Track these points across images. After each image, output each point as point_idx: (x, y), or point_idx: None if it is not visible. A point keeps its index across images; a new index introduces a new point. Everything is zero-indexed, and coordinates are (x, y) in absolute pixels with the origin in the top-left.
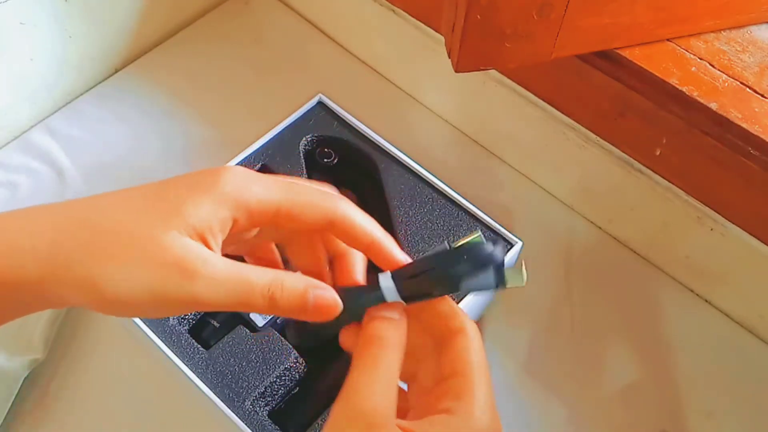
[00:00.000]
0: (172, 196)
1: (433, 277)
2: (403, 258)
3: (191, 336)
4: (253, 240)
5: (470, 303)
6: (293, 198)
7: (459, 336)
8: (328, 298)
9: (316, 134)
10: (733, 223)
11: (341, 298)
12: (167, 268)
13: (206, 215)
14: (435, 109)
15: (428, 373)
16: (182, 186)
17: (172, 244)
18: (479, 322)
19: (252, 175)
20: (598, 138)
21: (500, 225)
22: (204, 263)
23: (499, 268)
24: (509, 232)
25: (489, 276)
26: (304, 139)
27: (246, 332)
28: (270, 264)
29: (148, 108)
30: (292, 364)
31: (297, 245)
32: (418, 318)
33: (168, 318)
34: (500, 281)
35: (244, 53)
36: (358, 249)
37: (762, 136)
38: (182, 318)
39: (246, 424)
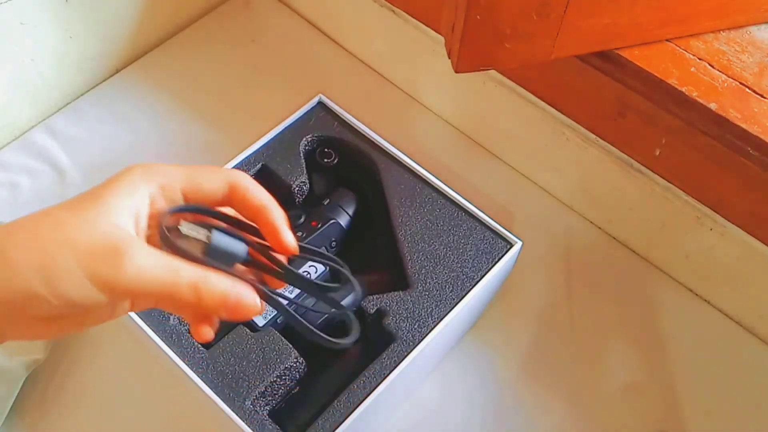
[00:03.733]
0: (95, 193)
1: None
2: (288, 236)
3: (191, 336)
4: None
5: (470, 303)
6: (195, 169)
7: None
8: (248, 299)
9: (316, 134)
10: (733, 223)
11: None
12: (97, 247)
13: (126, 201)
14: (435, 109)
15: None
16: (100, 186)
17: (101, 229)
18: (480, 321)
19: (154, 164)
20: (598, 138)
21: (500, 225)
22: (132, 244)
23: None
24: (509, 232)
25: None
26: (304, 139)
27: (246, 332)
28: None
29: (149, 108)
30: (292, 364)
31: None
32: None
33: (169, 317)
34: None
35: (244, 53)
36: (251, 217)
37: (761, 136)
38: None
39: (246, 424)
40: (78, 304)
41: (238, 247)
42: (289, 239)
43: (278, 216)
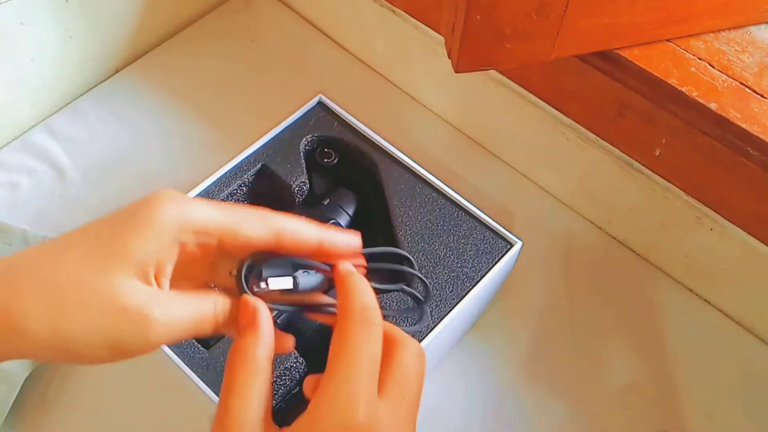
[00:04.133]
0: (115, 236)
1: None
2: (350, 242)
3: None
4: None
5: (470, 303)
6: (234, 214)
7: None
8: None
9: (316, 134)
10: (733, 223)
11: None
12: (119, 315)
13: (150, 249)
14: (435, 109)
15: None
16: (121, 223)
17: (121, 291)
18: (479, 321)
19: (187, 197)
20: (598, 138)
21: (500, 225)
22: (156, 307)
23: None
24: (509, 232)
25: None
26: (304, 139)
27: None
28: None
29: (149, 108)
30: (292, 364)
31: None
32: None
33: None
34: None
35: (244, 53)
36: (308, 253)
37: (761, 136)
38: None
39: None
40: (97, 363)
41: (318, 279)
42: (353, 247)
43: (339, 241)
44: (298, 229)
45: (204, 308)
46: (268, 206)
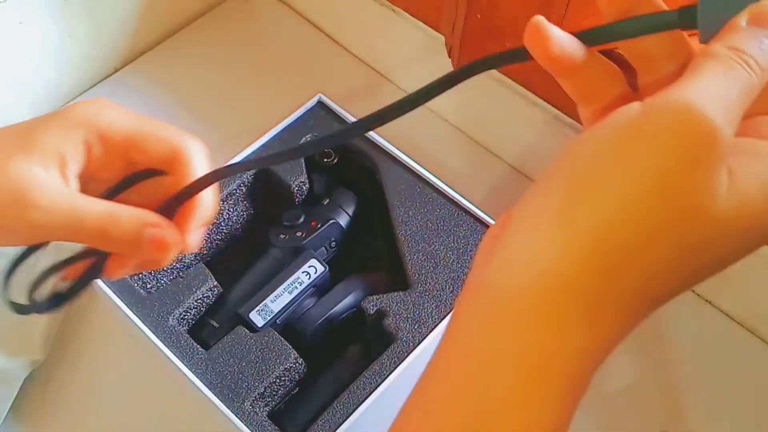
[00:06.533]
0: (31, 126)
1: None
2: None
3: (191, 336)
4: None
5: None
6: (145, 126)
7: None
8: (165, 236)
9: (316, 134)
10: None
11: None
12: (5, 190)
13: (54, 141)
14: (435, 109)
15: None
16: (43, 118)
17: (16, 171)
18: None
19: (109, 103)
20: None
21: None
22: (41, 191)
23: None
24: None
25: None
26: (304, 139)
27: (246, 332)
28: None
29: (148, 107)
30: (291, 365)
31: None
32: None
33: (168, 318)
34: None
35: (243, 53)
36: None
37: None
38: (182, 318)
39: (246, 425)
40: None
41: None
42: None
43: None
44: (192, 169)
45: (88, 208)
46: (268, 206)
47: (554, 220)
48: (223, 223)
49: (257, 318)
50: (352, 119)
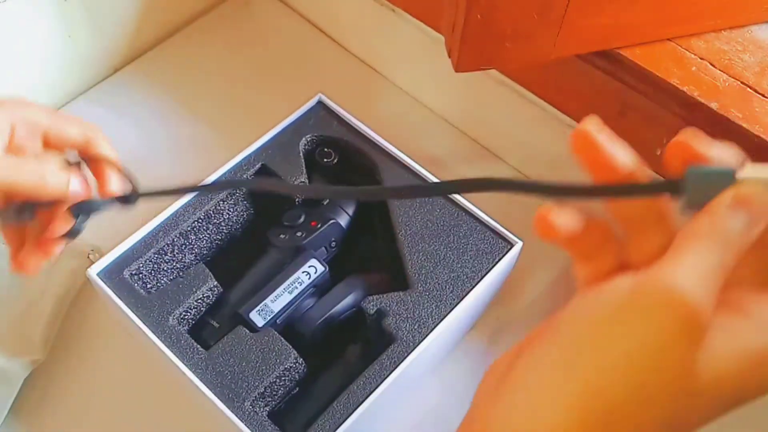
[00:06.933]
0: None
1: None
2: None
3: (191, 336)
4: None
5: (471, 303)
6: (62, 119)
7: None
8: (87, 178)
9: (316, 134)
10: None
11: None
12: None
13: None
14: (435, 109)
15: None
16: None
17: None
18: (479, 321)
19: (24, 102)
20: None
21: (500, 225)
22: None
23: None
24: (509, 232)
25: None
26: (304, 139)
27: (246, 332)
28: None
29: (148, 108)
30: (291, 365)
31: None
32: None
33: (168, 318)
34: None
35: (243, 53)
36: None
37: (762, 136)
38: (182, 318)
39: (246, 425)
40: None
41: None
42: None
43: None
44: (103, 149)
45: (30, 166)
46: (268, 206)
47: (555, 381)
48: (223, 223)
49: (257, 318)
50: (352, 119)
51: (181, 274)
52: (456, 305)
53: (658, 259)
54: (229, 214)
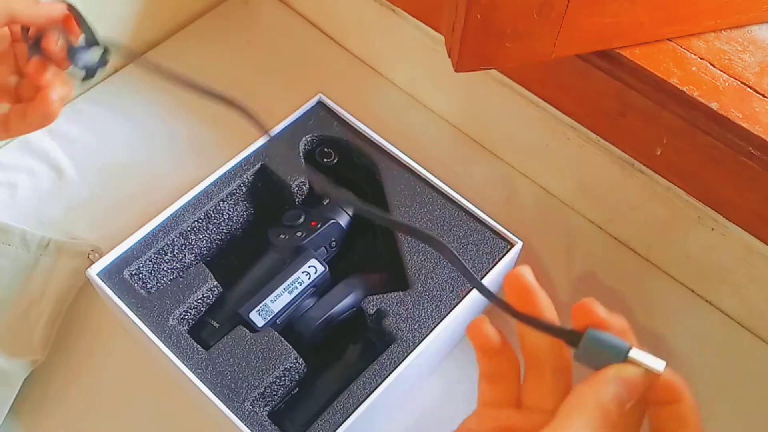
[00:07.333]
0: None
1: None
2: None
3: (191, 336)
4: None
5: (471, 304)
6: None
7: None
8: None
9: (316, 134)
10: (734, 223)
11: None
12: None
13: None
14: (435, 109)
15: None
16: None
17: None
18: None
19: None
20: (599, 138)
21: (500, 225)
22: None
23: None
24: (509, 232)
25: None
26: (304, 139)
27: (246, 332)
28: None
29: (148, 107)
30: (291, 365)
31: None
32: None
33: (168, 318)
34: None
35: (243, 53)
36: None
37: (763, 136)
38: (182, 318)
39: (246, 425)
40: None
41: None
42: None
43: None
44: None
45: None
46: (268, 206)
47: None
48: (223, 223)
49: (257, 318)
50: (352, 119)
51: (181, 274)
52: (456, 305)
53: (544, 413)
54: (229, 214)
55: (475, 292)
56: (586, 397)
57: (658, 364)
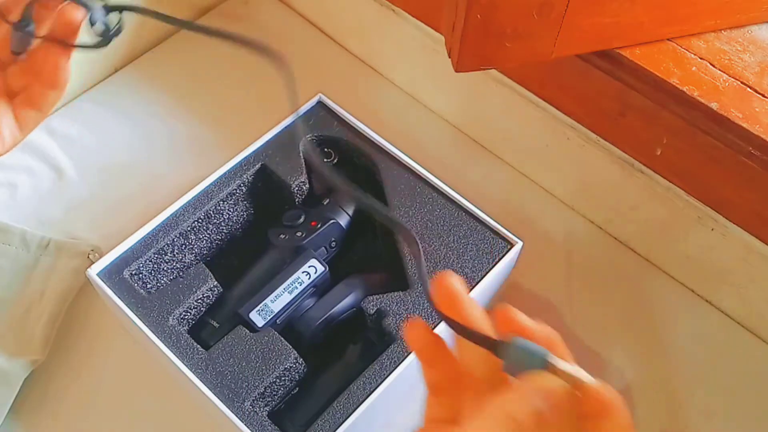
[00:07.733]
0: None
1: None
2: None
3: (191, 336)
4: None
5: None
6: None
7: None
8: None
9: (316, 134)
10: (734, 223)
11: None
12: None
13: None
14: (435, 109)
15: None
16: None
17: None
18: None
19: None
20: (599, 138)
21: (500, 225)
22: None
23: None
24: (509, 232)
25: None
26: (304, 139)
27: (246, 332)
28: None
29: (148, 108)
30: (291, 365)
31: None
32: None
33: (168, 318)
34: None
35: (243, 53)
36: None
37: (762, 136)
38: (182, 318)
39: (246, 425)
40: None
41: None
42: None
43: None
44: None
45: None
46: (268, 206)
47: None
48: (223, 223)
49: (257, 318)
50: (352, 119)
51: (181, 274)
52: None
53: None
54: (229, 214)
55: (475, 292)
56: (492, 406)
57: (579, 373)
